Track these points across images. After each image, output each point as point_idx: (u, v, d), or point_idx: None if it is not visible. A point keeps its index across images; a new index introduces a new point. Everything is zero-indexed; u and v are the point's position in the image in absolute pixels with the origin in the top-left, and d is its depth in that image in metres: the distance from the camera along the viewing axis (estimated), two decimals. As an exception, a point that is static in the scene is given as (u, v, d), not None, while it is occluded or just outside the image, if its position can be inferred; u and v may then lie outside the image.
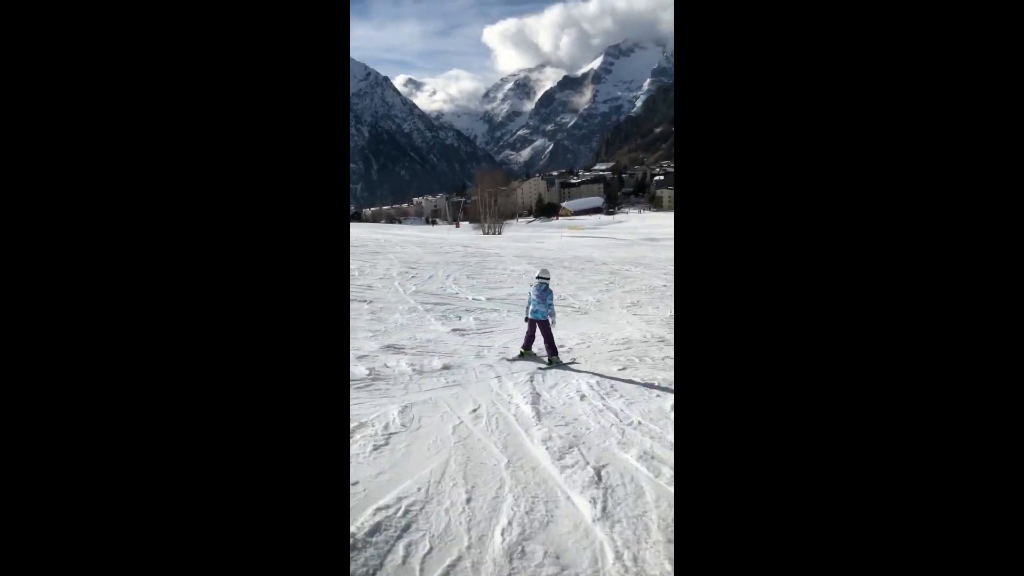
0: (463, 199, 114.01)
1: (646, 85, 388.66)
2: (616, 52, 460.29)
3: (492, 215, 50.26)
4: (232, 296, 1.29)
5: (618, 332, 6.87)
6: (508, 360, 5.23)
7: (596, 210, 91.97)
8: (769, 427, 1.22)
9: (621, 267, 16.87)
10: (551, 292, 5.32)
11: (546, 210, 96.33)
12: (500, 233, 45.59)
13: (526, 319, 5.34)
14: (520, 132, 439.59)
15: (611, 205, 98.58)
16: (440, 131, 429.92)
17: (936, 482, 1.17)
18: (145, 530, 1.22)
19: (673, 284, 12.63)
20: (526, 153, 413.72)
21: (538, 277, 5.38)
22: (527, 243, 28.77)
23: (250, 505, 1.27)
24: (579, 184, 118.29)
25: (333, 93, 1.38)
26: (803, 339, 1.22)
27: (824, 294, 1.22)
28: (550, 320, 5.17)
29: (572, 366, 5.18)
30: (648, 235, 38.02)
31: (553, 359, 5.13)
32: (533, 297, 5.25)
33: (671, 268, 16.95)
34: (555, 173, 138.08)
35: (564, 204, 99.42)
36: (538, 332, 5.22)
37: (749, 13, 1.26)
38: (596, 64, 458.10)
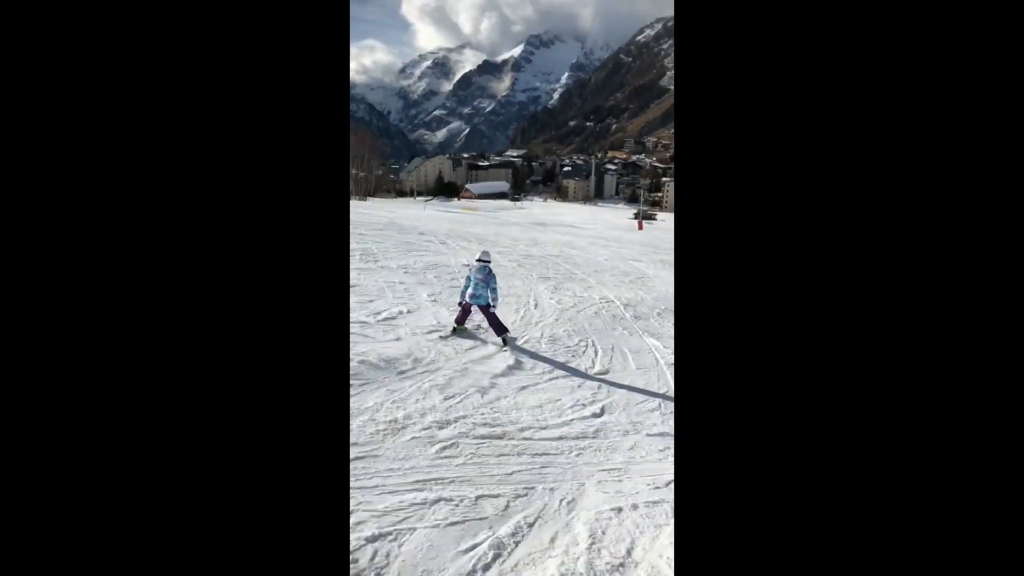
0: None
1: (564, 78, 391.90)
2: (537, 42, 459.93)
3: (356, 183, 43.61)
4: (231, 294, 1.31)
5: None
6: (441, 337, 5.07)
7: (501, 195, 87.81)
8: (769, 429, 1.24)
9: (447, 240, 13.30)
10: (494, 276, 5.28)
11: (445, 190, 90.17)
12: (364, 200, 39.79)
13: (460, 303, 5.34)
14: (436, 112, 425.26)
15: (518, 191, 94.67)
16: (352, 102, 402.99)
17: (936, 483, 1.17)
18: (143, 528, 1.22)
19: (496, 266, 9.65)
20: (441, 134, 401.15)
21: (478, 259, 5.40)
22: (372, 212, 23.30)
23: (249, 504, 1.26)
24: (487, 167, 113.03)
25: (333, 90, 1.38)
26: (804, 340, 1.24)
27: (824, 294, 1.24)
28: (493, 304, 5.15)
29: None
30: (540, 220, 34.28)
31: (505, 337, 5.14)
32: (476, 279, 5.19)
33: (523, 248, 13.49)
34: (465, 156, 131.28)
35: (468, 186, 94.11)
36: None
37: (749, 13, 1.28)
38: (516, 52, 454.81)
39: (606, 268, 11.51)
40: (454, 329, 5.34)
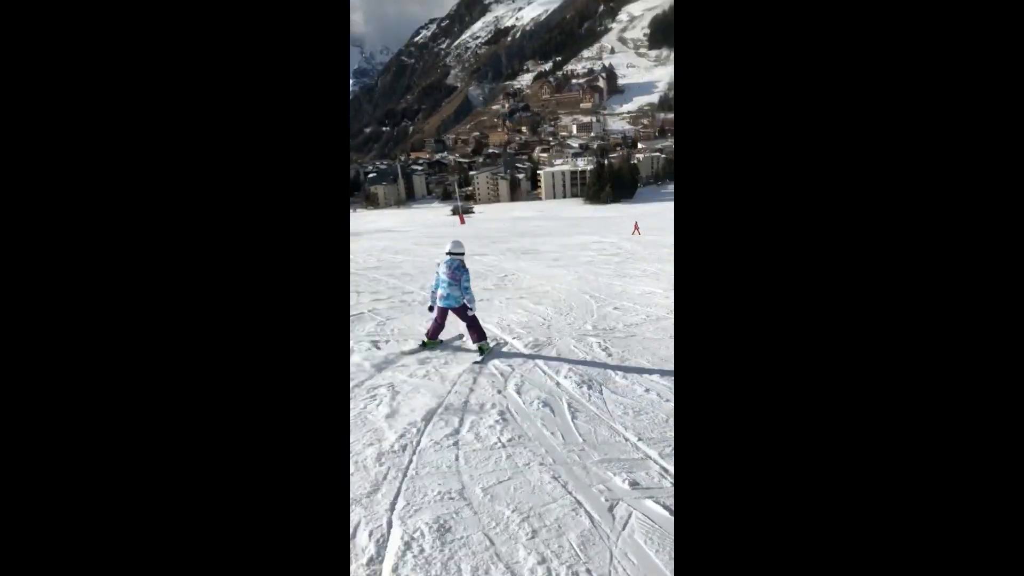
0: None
1: (350, 85, 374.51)
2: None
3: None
4: (231, 294, 1.31)
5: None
6: (404, 352, 3.98)
7: (302, 213, 77.81)
8: (770, 429, 1.24)
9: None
10: (467, 271, 4.07)
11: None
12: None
13: (431, 307, 4.18)
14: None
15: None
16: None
17: (938, 482, 1.18)
18: (142, 528, 1.21)
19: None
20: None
21: (449, 252, 4.10)
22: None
23: (249, 504, 1.26)
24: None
25: (333, 89, 1.38)
26: (805, 340, 1.25)
27: (824, 295, 1.24)
28: (469, 305, 4.02)
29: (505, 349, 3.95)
30: (351, 231, 29.11)
31: (483, 346, 3.97)
32: (443, 278, 4.03)
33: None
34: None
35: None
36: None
37: (749, 13, 1.29)
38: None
39: (452, 274, 7.80)
40: (423, 343, 4.10)
